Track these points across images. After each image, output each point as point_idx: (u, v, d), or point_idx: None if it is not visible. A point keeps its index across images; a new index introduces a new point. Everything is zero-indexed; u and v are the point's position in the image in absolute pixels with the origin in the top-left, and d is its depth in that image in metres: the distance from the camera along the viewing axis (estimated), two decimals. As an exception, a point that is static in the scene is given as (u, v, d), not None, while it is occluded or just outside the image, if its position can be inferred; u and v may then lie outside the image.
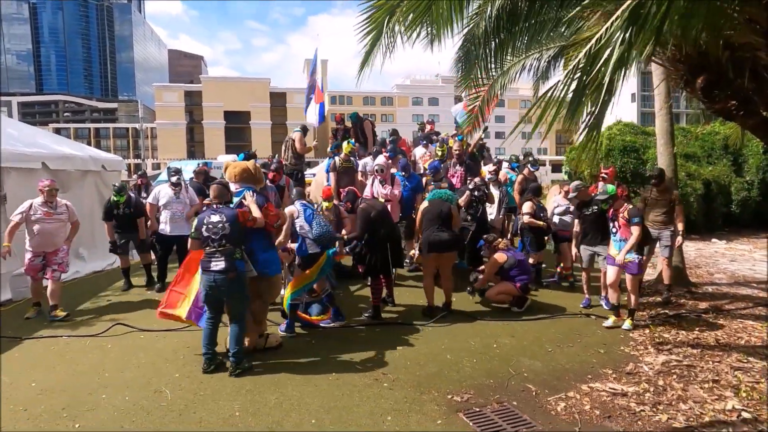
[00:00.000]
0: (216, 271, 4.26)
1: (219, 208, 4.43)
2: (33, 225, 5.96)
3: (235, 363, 4.32)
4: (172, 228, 7.14)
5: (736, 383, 4.13)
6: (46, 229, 6.02)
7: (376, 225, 5.68)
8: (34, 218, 5.95)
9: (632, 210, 5.48)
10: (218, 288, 4.29)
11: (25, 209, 5.93)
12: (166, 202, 7.22)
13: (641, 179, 13.13)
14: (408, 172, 7.74)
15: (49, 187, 6.09)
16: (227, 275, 4.26)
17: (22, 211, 5.93)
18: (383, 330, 5.48)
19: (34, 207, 5.98)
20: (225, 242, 4.30)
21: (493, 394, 3.98)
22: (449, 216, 5.87)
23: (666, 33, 2.67)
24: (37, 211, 5.99)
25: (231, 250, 4.30)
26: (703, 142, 13.23)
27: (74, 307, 6.32)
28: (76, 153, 8.51)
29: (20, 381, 4.21)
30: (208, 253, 4.33)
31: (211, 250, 4.31)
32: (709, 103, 4.25)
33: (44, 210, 6.02)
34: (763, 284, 7.40)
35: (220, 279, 4.26)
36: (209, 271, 4.28)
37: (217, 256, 4.28)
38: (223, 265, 4.26)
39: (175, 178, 7.35)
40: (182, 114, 75.49)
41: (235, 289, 4.36)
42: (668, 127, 7.45)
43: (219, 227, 4.31)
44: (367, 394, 3.96)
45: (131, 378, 4.26)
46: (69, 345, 5.09)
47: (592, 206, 5.98)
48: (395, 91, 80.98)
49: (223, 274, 4.25)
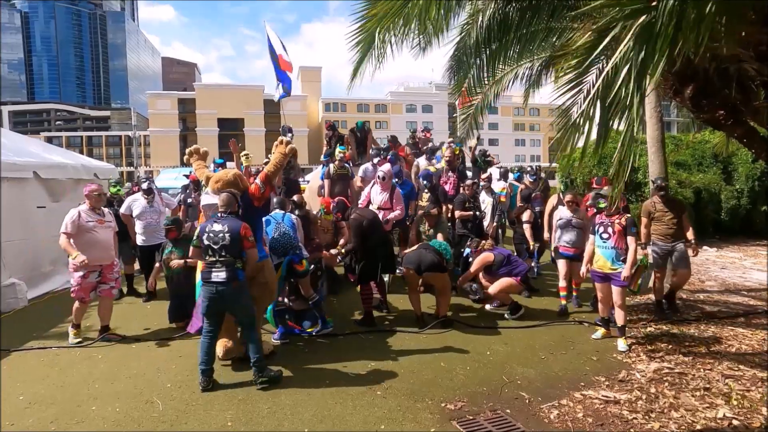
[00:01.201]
0: (218, 282, 4.16)
1: (223, 217, 4.32)
2: (86, 235, 5.30)
3: (258, 372, 4.25)
4: (148, 238, 6.97)
5: (727, 391, 4.15)
6: (100, 238, 5.41)
7: (367, 233, 5.70)
8: (86, 228, 5.31)
9: (630, 219, 5.34)
10: (221, 299, 4.20)
11: (75, 218, 5.25)
12: (140, 213, 7.00)
13: (633, 187, 13.24)
14: (401, 179, 7.75)
15: (96, 191, 5.53)
16: (230, 285, 4.18)
17: (73, 220, 5.24)
18: (376, 337, 5.47)
19: (83, 215, 5.34)
20: (225, 253, 4.20)
21: (487, 402, 3.98)
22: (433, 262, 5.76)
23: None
24: (87, 219, 5.36)
25: (232, 261, 4.20)
26: (694, 150, 13.36)
27: (64, 318, 6.24)
28: (68, 161, 8.49)
29: (8, 394, 4.15)
30: (209, 263, 4.23)
31: (212, 259, 4.22)
32: (697, 112, 4.31)
33: (96, 218, 5.44)
34: (754, 292, 7.46)
35: (222, 290, 4.17)
36: (210, 282, 4.18)
37: (218, 266, 4.18)
38: (225, 276, 4.16)
39: (146, 184, 7.13)
40: (176, 121, 75.29)
41: (239, 297, 4.30)
42: (659, 135, 7.53)
43: (220, 237, 4.20)
44: (360, 403, 3.95)
45: (122, 389, 4.22)
46: (58, 356, 5.03)
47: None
48: (389, 98, 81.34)
49: (226, 284, 4.17)
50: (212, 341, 4.33)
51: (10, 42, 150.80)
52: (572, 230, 6.32)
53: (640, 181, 13.05)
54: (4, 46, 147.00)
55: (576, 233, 6.29)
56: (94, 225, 5.39)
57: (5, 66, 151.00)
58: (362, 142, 9.82)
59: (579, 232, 6.28)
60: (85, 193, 5.50)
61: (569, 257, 6.31)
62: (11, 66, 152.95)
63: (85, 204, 5.45)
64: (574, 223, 6.31)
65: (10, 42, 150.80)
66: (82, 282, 5.27)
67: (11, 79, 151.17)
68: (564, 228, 6.39)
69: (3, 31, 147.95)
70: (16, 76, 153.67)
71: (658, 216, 6.20)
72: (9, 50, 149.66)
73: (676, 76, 4.34)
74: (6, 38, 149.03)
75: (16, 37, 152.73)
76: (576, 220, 6.32)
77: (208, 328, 4.32)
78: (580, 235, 6.25)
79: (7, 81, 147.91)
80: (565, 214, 6.44)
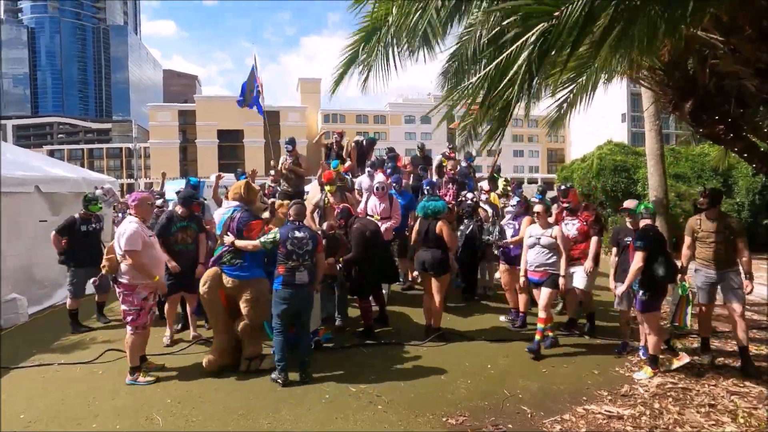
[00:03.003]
0: (301, 285, 4.54)
1: (300, 225, 4.70)
2: (149, 252, 4.67)
3: (303, 370, 4.60)
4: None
5: (733, 408, 4.10)
6: (159, 255, 4.89)
7: (369, 244, 5.70)
8: (149, 243, 4.67)
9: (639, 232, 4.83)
10: (300, 300, 4.58)
11: (139, 231, 4.56)
12: None
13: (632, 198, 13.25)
14: (400, 187, 7.77)
15: (149, 200, 5.04)
16: (310, 287, 4.63)
17: (139, 234, 4.54)
18: (377, 350, 5.44)
19: (143, 228, 4.67)
20: (308, 258, 4.58)
21: (489, 417, 3.96)
22: (435, 235, 5.67)
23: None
24: (147, 232, 4.76)
25: (312, 265, 4.64)
26: (693, 163, 13.43)
27: (66, 333, 6.22)
28: (69, 175, 8.51)
29: (8, 412, 4.11)
30: (290, 267, 4.53)
31: (294, 264, 4.54)
32: (697, 126, 4.35)
33: (149, 231, 4.88)
34: (756, 306, 7.41)
35: (303, 291, 4.57)
36: (294, 285, 4.52)
37: (301, 270, 4.55)
38: (307, 279, 4.57)
39: (160, 201, 7.03)
40: (176, 133, 75.61)
41: (311, 300, 4.76)
42: (658, 148, 7.57)
43: (304, 242, 4.58)
44: (362, 417, 3.92)
45: (122, 405, 4.19)
46: (59, 372, 4.98)
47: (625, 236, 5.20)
48: (388, 110, 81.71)
49: (307, 286, 4.59)
50: (285, 339, 4.62)
51: (17, 57, 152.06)
52: (540, 249, 5.42)
53: (639, 193, 13.08)
54: (11, 61, 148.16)
55: (544, 254, 5.39)
56: (153, 239, 4.86)
57: (11, 81, 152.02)
58: (364, 156, 9.84)
59: (547, 252, 5.38)
60: (134, 203, 4.77)
61: (535, 283, 5.50)
62: (17, 80, 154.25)
63: (132, 216, 4.71)
64: (544, 243, 5.38)
65: (17, 57, 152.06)
66: (145, 306, 4.65)
67: (16, 93, 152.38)
68: (532, 247, 5.49)
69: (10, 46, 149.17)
70: (21, 91, 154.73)
71: (703, 236, 5.04)
72: (15, 65, 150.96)
73: (676, 91, 4.39)
74: (12, 53, 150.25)
75: (23, 52, 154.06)
76: (546, 238, 5.37)
77: (282, 328, 4.61)
78: (549, 256, 5.38)
79: (13, 95, 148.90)
80: (536, 231, 5.51)
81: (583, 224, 5.91)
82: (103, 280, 6.38)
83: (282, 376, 4.52)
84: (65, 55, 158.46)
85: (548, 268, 5.33)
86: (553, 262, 5.34)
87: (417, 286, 7.84)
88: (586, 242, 5.89)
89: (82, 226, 6.39)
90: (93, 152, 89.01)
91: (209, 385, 4.54)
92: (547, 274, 5.33)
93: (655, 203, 7.82)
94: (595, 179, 13.47)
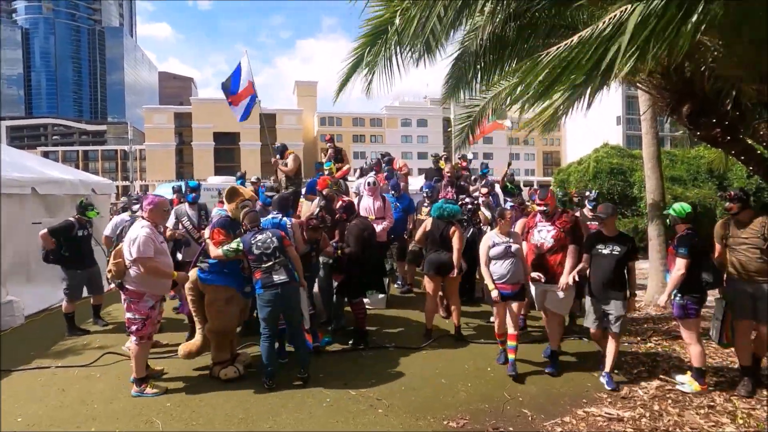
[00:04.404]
0: (281, 283, 4.45)
1: (258, 229, 4.62)
2: (162, 259, 4.48)
3: (303, 372, 4.61)
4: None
5: (732, 409, 4.12)
6: (170, 262, 4.67)
7: (365, 244, 5.69)
8: (161, 249, 4.48)
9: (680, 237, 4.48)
10: (284, 299, 4.48)
11: (152, 236, 4.36)
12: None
13: (628, 201, 13.33)
14: (398, 192, 7.77)
15: (164, 206, 4.74)
16: (291, 284, 4.51)
17: (151, 239, 4.34)
18: (376, 354, 5.43)
19: (155, 234, 4.47)
20: (279, 254, 4.49)
21: (489, 420, 3.96)
22: (448, 238, 5.66)
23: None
24: (160, 239, 4.56)
25: (286, 261, 4.53)
26: (689, 165, 13.52)
27: (62, 336, 6.18)
28: (66, 177, 8.46)
29: (5, 416, 4.08)
30: (266, 268, 4.46)
31: (268, 264, 4.46)
32: (694, 129, 4.37)
33: (161, 238, 4.66)
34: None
35: (285, 289, 4.47)
36: (274, 285, 4.43)
37: (277, 269, 4.47)
38: (286, 276, 4.47)
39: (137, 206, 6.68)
40: (171, 135, 75.40)
41: (297, 296, 4.65)
42: (655, 151, 7.62)
43: (269, 242, 4.50)
44: (362, 421, 3.91)
45: (121, 408, 4.16)
46: (56, 375, 4.95)
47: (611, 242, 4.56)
48: (384, 113, 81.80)
49: (288, 283, 4.48)
50: (272, 343, 4.59)
51: (11, 57, 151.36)
52: (507, 262, 4.79)
53: (635, 196, 13.16)
54: (5, 62, 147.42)
55: (512, 262, 4.79)
56: (164, 245, 4.65)
57: (4, 82, 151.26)
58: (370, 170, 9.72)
59: (517, 261, 4.82)
60: (149, 206, 4.52)
61: (506, 296, 4.83)
62: (10, 81, 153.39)
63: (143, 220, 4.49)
64: (514, 250, 4.80)
65: (11, 57, 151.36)
66: (151, 315, 4.49)
67: (10, 94, 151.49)
68: (497, 259, 4.82)
69: (4, 47, 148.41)
70: (15, 91, 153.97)
71: (734, 242, 4.40)
72: (9, 66, 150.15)
73: (673, 94, 4.42)
74: (6, 54, 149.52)
75: (17, 52, 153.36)
76: (514, 245, 4.82)
77: (268, 333, 4.54)
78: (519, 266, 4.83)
79: (6, 96, 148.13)
80: (500, 239, 4.88)
81: (559, 231, 4.85)
82: (97, 277, 6.49)
83: (268, 381, 4.48)
84: (60, 56, 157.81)
85: (520, 280, 4.86)
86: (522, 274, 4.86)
87: (415, 289, 7.85)
88: (563, 252, 4.84)
89: (79, 231, 6.31)
90: (88, 154, 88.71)
91: (209, 388, 4.51)
92: (519, 286, 4.86)
93: (652, 206, 7.87)
94: (591, 182, 13.54)
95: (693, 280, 4.35)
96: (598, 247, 4.61)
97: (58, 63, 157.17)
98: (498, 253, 4.80)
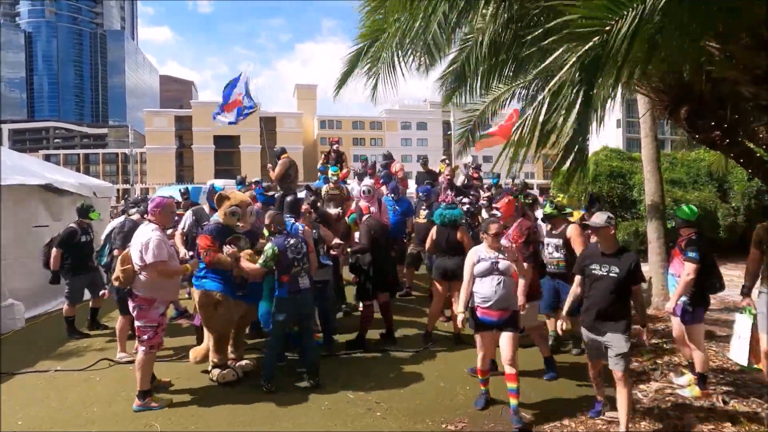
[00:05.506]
0: (306, 289, 4.53)
1: (285, 233, 4.62)
2: (174, 262, 4.38)
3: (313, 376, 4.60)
4: None
5: (733, 412, 4.11)
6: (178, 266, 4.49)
7: (375, 243, 5.68)
8: (170, 253, 4.30)
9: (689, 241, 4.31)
10: (307, 305, 4.59)
11: (162, 239, 4.19)
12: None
13: (628, 204, 13.31)
14: (398, 195, 7.77)
15: (172, 208, 4.54)
16: (311, 290, 4.61)
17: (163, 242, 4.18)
18: (375, 357, 5.43)
19: (165, 236, 4.31)
20: (306, 261, 4.55)
21: (488, 423, 3.96)
22: (456, 242, 5.62)
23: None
24: (168, 241, 4.39)
25: (308, 267, 4.61)
26: (689, 168, 13.50)
27: (62, 339, 6.18)
28: (68, 180, 8.48)
29: (6, 418, 4.08)
30: (294, 273, 4.46)
31: (297, 269, 4.49)
32: (693, 132, 4.37)
33: (171, 241, 4.55)
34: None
35: (309, 295, 4.58)
36: (299, 291, 4.48)
37: (302, 275, 4.52)
38: (308, 283, 4.55)
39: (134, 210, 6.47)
40: (172, 138, 75.58)
41: (313, 303, 4.77)
42: (654, 155, 7.62)
43: (299, 247, 4.53)
44: (360, 425, 3.91)
45: (120, 412, 4.16)
46: (56, 379, 4.95)
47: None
48: (384, 116, 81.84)
49: (309, 290, 4.57)
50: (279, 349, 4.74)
51: (13, 61, 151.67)
52: (496, 277, 4.02)
53: (635, 199, 13.14)
54: (7, 65, 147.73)
55: (500, 282, 4.00)
56: (173, 249, 4.51)
57: (7, 85, 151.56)
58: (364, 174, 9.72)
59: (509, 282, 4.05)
60: (157, 209, 4.34)
61: (493, 325, 4.06)
62: (13, 84, 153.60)
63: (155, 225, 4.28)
64: (502, 267, 4.05)
65: (13, 61, 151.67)
66: (162, 322, 4.33)
67: (12, 97, 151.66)
68: (482, 276, 4.06)
69: (7, 50, 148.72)
70: (18, 95, 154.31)
71: None
72: (11, 69, 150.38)
73: (671, 97, 4.42)
74: (9, 57, 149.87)
75: (19, 56, 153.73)
76: (503, 262, 4.08)
77: (274, 343, 4.62)
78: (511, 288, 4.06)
79: (9, 99, 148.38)
80: (487, 254, 4.12)
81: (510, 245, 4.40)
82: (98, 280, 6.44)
83: (267, 385, 4.49)
84: (62, 60, 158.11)
85: (511, 305, 4.08)
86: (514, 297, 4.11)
87: (414, 293, 7.85)
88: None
89: (81, 237, 6.26)
90: (89, 157, 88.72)
91: (209, 392, 4.52)
92: (509, 312, 4.06)
93: (652, 208, 7.86)
94: (591, 185, 13.51)
95: (699, 285, 4.22)
96: (591, 267, 3.77)
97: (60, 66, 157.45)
98: (483, 270, 4.04)
